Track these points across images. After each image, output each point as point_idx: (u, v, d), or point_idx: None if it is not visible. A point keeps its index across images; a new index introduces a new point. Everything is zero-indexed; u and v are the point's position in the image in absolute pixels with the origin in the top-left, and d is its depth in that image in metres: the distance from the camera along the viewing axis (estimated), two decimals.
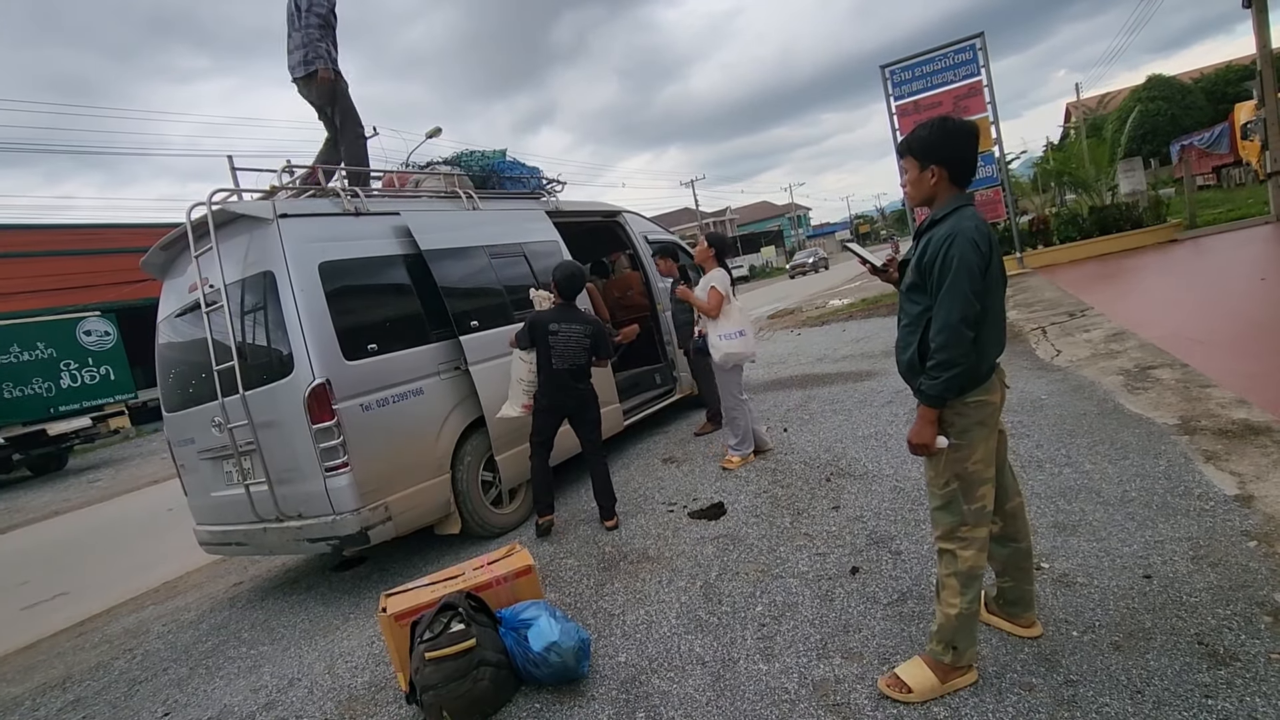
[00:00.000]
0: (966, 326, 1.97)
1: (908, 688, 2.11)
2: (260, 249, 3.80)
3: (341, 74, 5.24)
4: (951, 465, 2.10)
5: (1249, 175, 21.46)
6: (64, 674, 3.91)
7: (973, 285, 1.96)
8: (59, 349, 14.18)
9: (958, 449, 2.08)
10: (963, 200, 2.12)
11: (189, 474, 4.48)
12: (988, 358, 2.07)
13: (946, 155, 2.11)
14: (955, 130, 2.11)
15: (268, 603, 4.32)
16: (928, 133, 2.12)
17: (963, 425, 2.08)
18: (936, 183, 2.12)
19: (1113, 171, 14.09)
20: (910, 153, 2.16)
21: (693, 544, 3.61)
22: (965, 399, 2.07)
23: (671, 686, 2.43)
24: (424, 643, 2.44)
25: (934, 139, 2.11)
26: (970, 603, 2.08)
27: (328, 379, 3.62)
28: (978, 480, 2.09)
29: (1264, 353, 4.96)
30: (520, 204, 5.63)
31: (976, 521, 2.11)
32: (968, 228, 2.00)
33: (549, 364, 4.07)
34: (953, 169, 2.11)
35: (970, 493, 2.10)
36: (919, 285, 2.11)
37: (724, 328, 4.60)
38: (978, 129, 2.14)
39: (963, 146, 2.12)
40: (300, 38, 5.16)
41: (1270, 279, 7.54)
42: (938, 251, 2.01)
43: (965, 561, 2.10)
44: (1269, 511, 2.74)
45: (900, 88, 12.86)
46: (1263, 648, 2.01)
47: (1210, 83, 31.24)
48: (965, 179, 2.15)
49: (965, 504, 2.10)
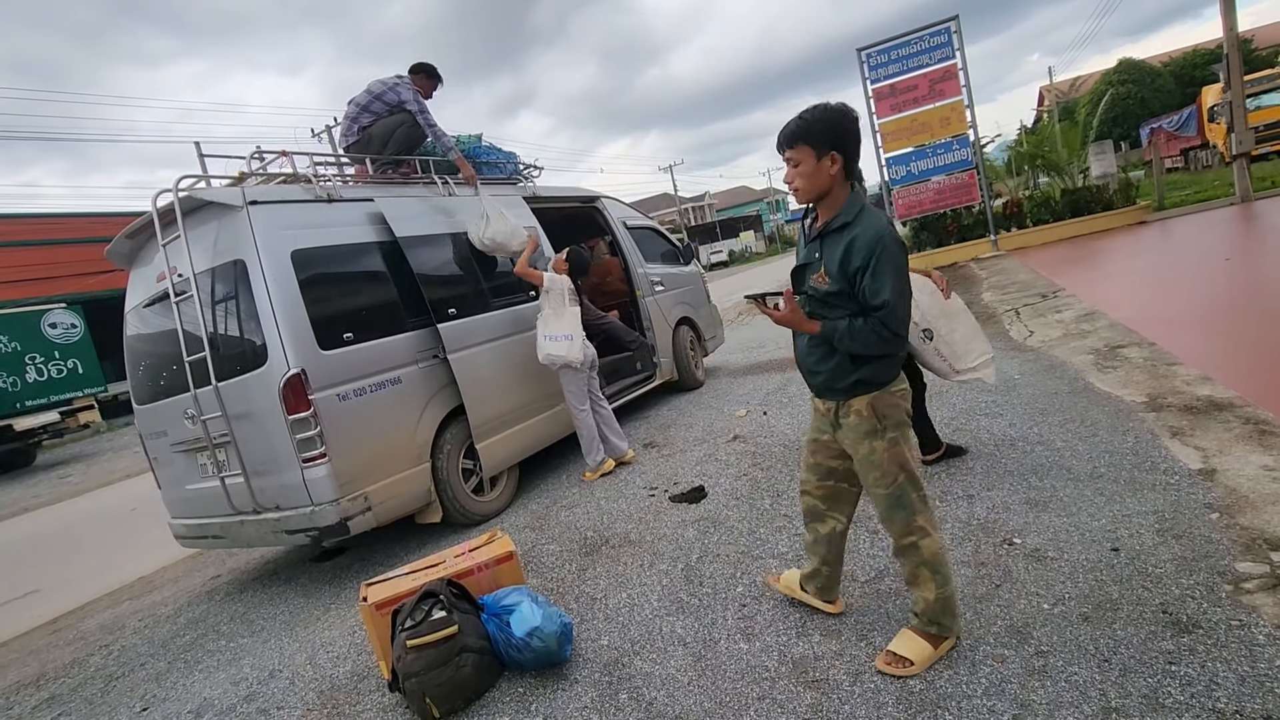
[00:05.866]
0: (907, 314, 2.02)
1: (908, 661, 2.12)
2: (230, 237, 3.73)
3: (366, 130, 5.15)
4: (896, 458, 2.12)
5: (1215, 158, 21.89)
6: (38, 672, 3.84)
7: (908, 282, 2.02)
8: (23, 342, 13.82)
9: (896, 442, 2.12)
10: (863, 200, 2.06)
11: (162, 467, 4.40)
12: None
13: (845, 144, 2.01)
14: (852, 117, 2.02)
15: (246, 595, 4.28)
16: (825, 115, 1.99)
17: (896, 416, 2.12)
18: (836, 173, 2.01)
19: (1084, 154, 14.30)
20: (805, 140, 2.00)
21: (674, 527, 3.64)
22: (892, 389, 2.12)
23: (654, 668, 2.46)
24: (405, 631, 2.44)
25: (837, 124, 1.99)
26: (945, 583, 2.14)
27: (303, 369, 3.57)
28: (918, 469, 2.17)
29: (1228, 331, 5.09)
30: (497, 190, 5.57)
31: (925, 507, 2.17)
32: (886, 227, 1.98)
33: None
34: (851, 157, 2.03)
35: (917, 481, 2.16)
36: (845, 292, 2.03)
37: (554, 328, 4.64)
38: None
39: (858, 137, 2.04)
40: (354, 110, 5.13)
41: (1234, 259, 7.73)
42: (871, 255, 1.95)
43: (929, 550, 2.14)
44: (1230, 484, 2.83)
45: (876, 71, 12.90)
46: (1224, 615, 2.08)
47: (1179, 66, 31.78)
48: (857, 174, 2.10)
49: (914, 493, 2.15)
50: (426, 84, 5.36)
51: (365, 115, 5.10)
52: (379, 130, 5.08)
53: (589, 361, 4.74)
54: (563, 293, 4.71)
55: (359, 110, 5.11)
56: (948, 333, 3.44)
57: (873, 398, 2.10)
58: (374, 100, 5.09)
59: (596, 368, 4.91)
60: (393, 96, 5.09)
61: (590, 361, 4.77)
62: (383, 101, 5.09)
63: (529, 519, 4.30)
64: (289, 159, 4.36)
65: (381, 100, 5.09)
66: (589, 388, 4.82)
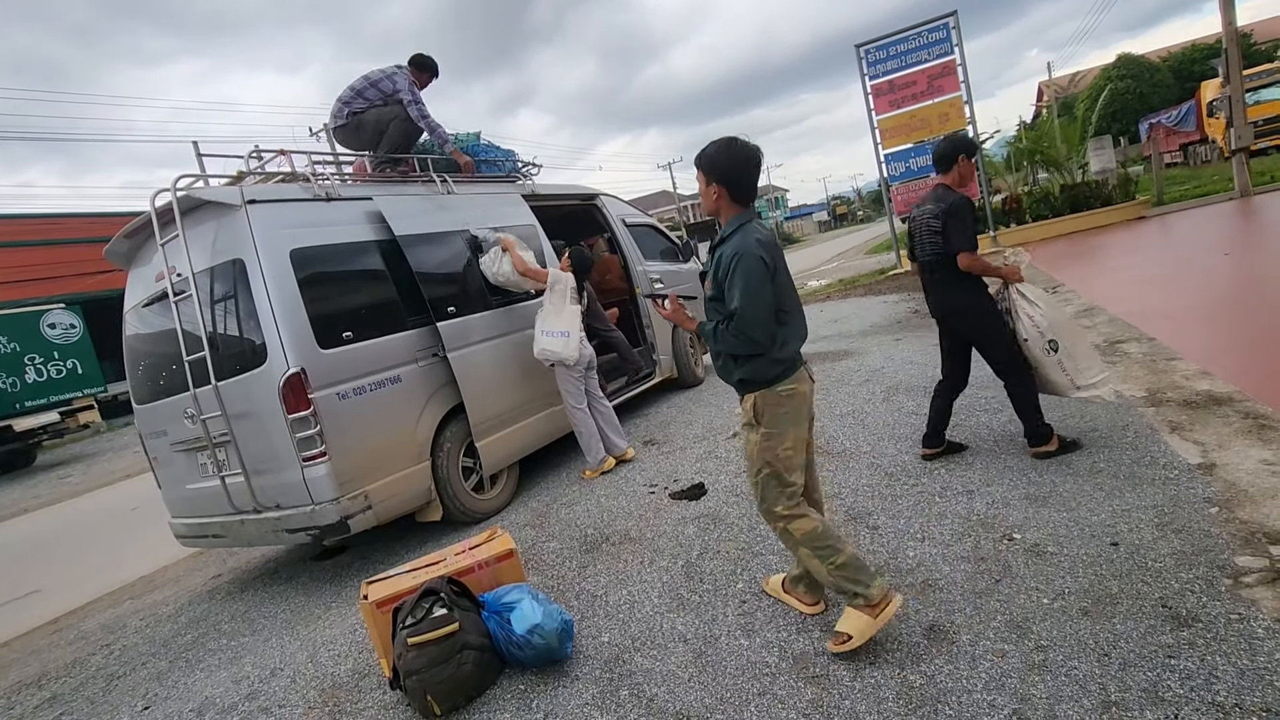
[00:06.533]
0: (761, 320, 2.19)
1: (845, 636, 2.25)
2: (229, 236, 3.72)
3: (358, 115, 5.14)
4: (764, 453, 2.30)
5: (1214, 152, 21.88)
6: (39, 671, 3.85)
7: (763, 292, 2.19)
8: (22, 343, 13.80)
9: (769, 438, 2.28)
10: (745, 219, 2.29)
11: (162, 467, 4.40)
12: (790, 348, 2.29)
13: (724, 176, 2.28)
14: (736, 153, 2.26)
15: (247, 594, 4.28)
16: (714, 151, 2.28)
17: (773, 415, 2.29)
18: (718, 199, 2.31)
19: (1083, 150, 14.28)
20: (699, 168, 2.32)
21: (674, 524, 3.64)
22: (777, 389, 2.27)
23: (654, 664, 2.46)
24: (406, 628, 2.44)
25: (716, 159, 2.27)
26: (832, 554, 2.26)
27: (303, 368, 3.56)
28: (790, 465, 2.31)
29: (1227, 326, 5.10)
30: (496, 188, 5.56)
31: (791, 498, 2.33)
32: (751, 244, 2.20)
33: None
34: (730, 189, 2.29)
35: (783, 477, 2.31)
36: (719, 297, 2.30)
37: (551, 324, 4.62)
38: (759, 156, 2.30)
39: (740, 170, 2.28)
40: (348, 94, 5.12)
41: (1234, 254, 7.74)
42: (730, 267, 2.21)
43: (800, 530, 2.31)
44: (1229, 479, 2.83)
45: (875, 67, 12.89)
46: (1223, 609, 2.09)
47: (1177, 61, 31.73)
48: (744, 199, 2.31)
49: (779, 487, 2.32)
50: (421, 76, 5.36)
51: (359, 100, 5.10)
52: (370, 118, 5.08)
53: (585, 361, 4.74)
54: (565, 290, 4.70)
55: (353, 94, 5.11)
56: (1070, 345, 3.35)
57: (756, 395, 2.30)
58: (369, 87, 5.09)
59: (595, 367, 4.91)
60: (388, 85, 5.09)
61: (587, 361, 4.76)
62: (378, 89, 5.09)
63: (529, 517, 4.31)
64: (287, 158, 4.35)
65: (377, 88, 5.09)
66: (587, 387, 4.82)
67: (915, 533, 2.97)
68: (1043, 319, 3.35)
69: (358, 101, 5.09)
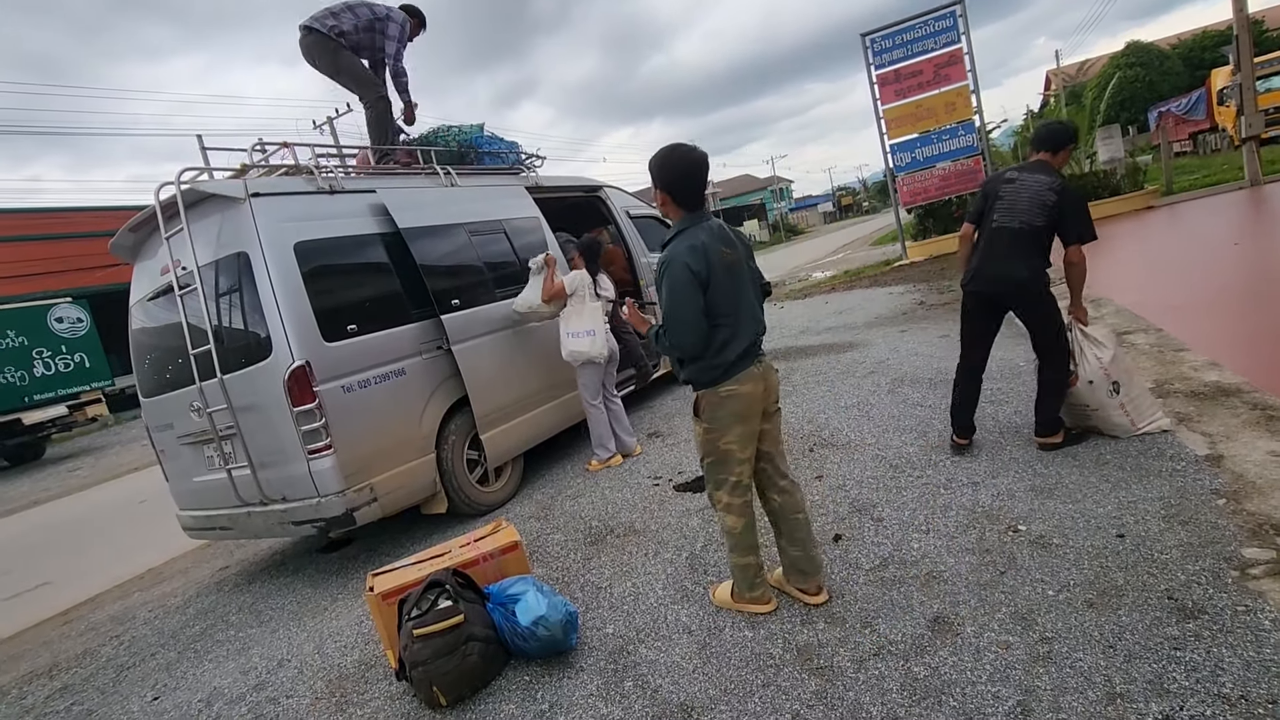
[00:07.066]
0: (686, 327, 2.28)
1: (711, 595, 2.72)
2: (233, 229, 3.73)
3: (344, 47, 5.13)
4: (708, 444, 2.46)
5: (1224, 141, 21.65)
6: (50, 662, 3.89)
7: (688, 301, 2.26)
8: (30, 337, 13.88)
9: (710, 431, 2.43)
10: (688, 223, 2.36)
11: (169, 459, 4.43)
12: (728, 355, 2.34)
13: (667, 184, 2.35)
14: (677, 160, 2.33)
15: (255, 586, 4.31)
16: (658, 159, 2.36)
17: (713, 413, 2.41)
18: (665, 204, 2.40)
19: (1091, 139, 14.16)
20: (651, 175, 2.40)
21: (678, 516, 3.64)
22: (718, 390, 2.38)
23: (659, 655, 2.47)
24: (412, 620, 2.46)
25: (661, 167, 2.35)
26: (734, 554, 2.54)
27: (307, 361, 3.57)
28: (732, 460, 2.44)
29: (1236, 316, 5.06)
30: (499, 180, 5.55)
31: (732, 491, 2.48)
32: (680, 251, 2.27)
33: None
34: (674, 195, 2.36)
35: (725, 468, 2.46)
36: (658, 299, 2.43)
37: (574, 325, 4.64)
38: (702, 162, 2.35)
39: (682, 176, 2.34)
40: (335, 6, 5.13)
41: (1243, 244, 7.66)
42: (659, 274, 2.34)
43: (725, 523, 2.53)
44: (1237, 470, 2.81)
45: (881, 56, 12.78)
46: (1229, 601, 2.08)
47: (1188, 49, 31.33)
48: (689, 203, 2.37)
49: (719, 475, 2.49)
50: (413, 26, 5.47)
51: (347, 15, 5.10)
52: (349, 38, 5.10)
53: (611, 356, 4.74)
54: (584, 289, 4.71)
55: (344, 7, 5.12)
56: (1128, 385, 3.33)
57: (700, 394, 2.44)
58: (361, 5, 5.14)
59: (616, 362, 4.91)
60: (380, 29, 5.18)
61: (611, 355, 4.77)
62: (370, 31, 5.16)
63: (534, 509, 4.32)
64: (291, 151, 4.35)
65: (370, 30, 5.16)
66: (604, 381, 4.82)
67: (920, 524, 2.97)
68: (1109, 359, 3.32)
69: (346, 17, 5.10)
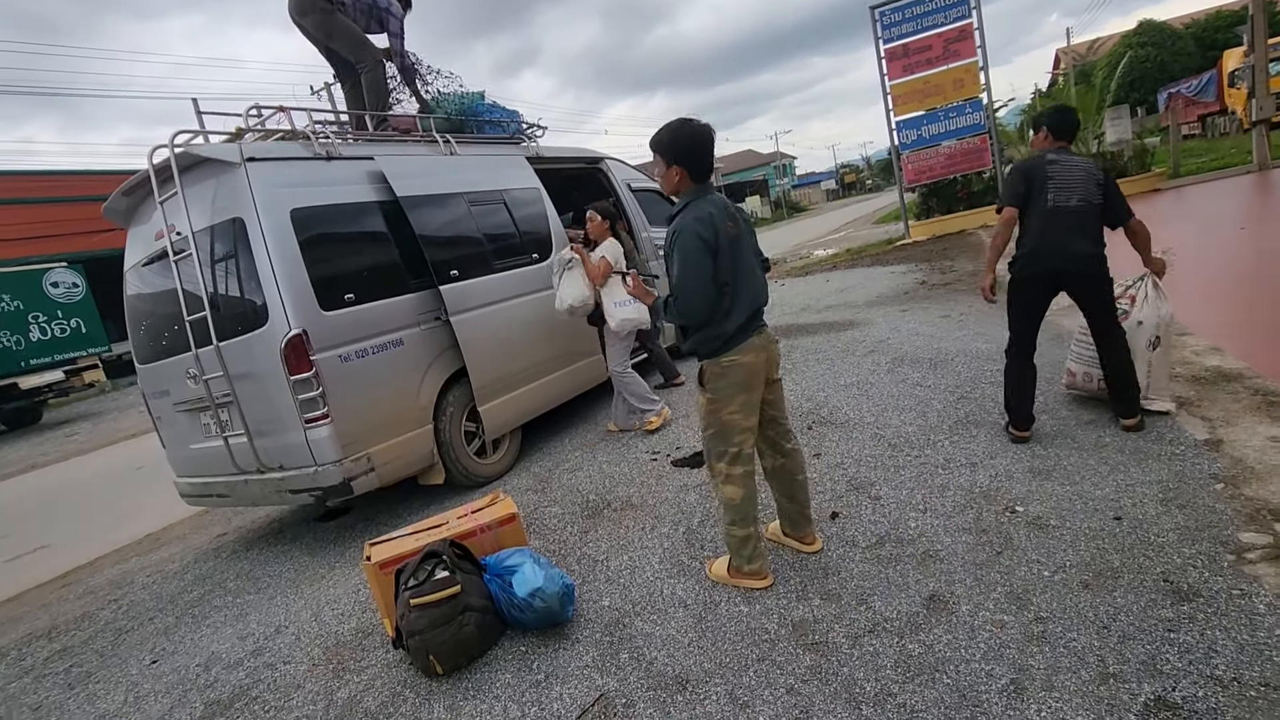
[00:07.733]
0: (697, 294, 2.32)
1: (706, 570, 2.73)
2: (228, 195, 3.66)
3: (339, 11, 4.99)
4: (710, 415, 2.50)
5: (1234, 125, 21.41)
6: (49, 624, 3.92)
7: (700, 268, 2.30)
8: (25, 301, 13.79)
9: (713, 401, 2.46)
10: (697, 194, 2.41)
11: (166, 427, 4.41)
12: (733, 321, 2.39)
13: (683, 157, 2.38)
14: (690, 134, 2.38)
15: (252, 553, 4.33)
16: (670, 134, 2.38)
17: (717, 383, 2.45)
18: (680, 179, 2.41)
19: (1100, 120, 13.97)
20: (657, 150, 2.42)
21: (676, 491, 3.65)
22: (720, 360, 2.42)
23: (654, 628, 2.48)
24: (409, 590, 2.46)
25: (675, 141, 2.38)
26: (734, 526, 2.53)
27: (304, 330, 3.54)
28: (734, 429, 2.47)
29: (1240, 301, 5.03)
30: (500, 149, 5.46)
31: (733, 462, 2.50)
32: (689, 221, 2.32)
33: None
34: (690, 168, 2.40)
35: (727, 438, 2.49)
36: (667, 270, 2.45)
37: (619, 295, 4.59)
38: (710, 135, 2.41)
39: (698, 149, 2.38)
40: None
41: (1250, 228, 7.61)
42: (670, 244, 2.38)
43: (724, 493, 2.54)
44: (1236, 455, 2.81)
45: (890, 30, 12.56)
46: (1225, 584, 2.09)
47: (1201, 28, 30.79)
48: (703, 176, 2.42)
49: (722, 446, 2.51)
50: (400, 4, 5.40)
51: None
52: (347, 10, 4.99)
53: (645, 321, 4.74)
54: (620, 258, 4.68)
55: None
56: (1164, 351, 3.35)
57: (704, 363, 2.48)
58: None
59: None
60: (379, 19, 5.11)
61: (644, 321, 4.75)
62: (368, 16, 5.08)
63: (532, 481, 4.33)
64: (287, 115, 4.26)
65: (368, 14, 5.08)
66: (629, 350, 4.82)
67: (917, 504, 2.97)
68: (1168, 316, 3.36)
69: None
